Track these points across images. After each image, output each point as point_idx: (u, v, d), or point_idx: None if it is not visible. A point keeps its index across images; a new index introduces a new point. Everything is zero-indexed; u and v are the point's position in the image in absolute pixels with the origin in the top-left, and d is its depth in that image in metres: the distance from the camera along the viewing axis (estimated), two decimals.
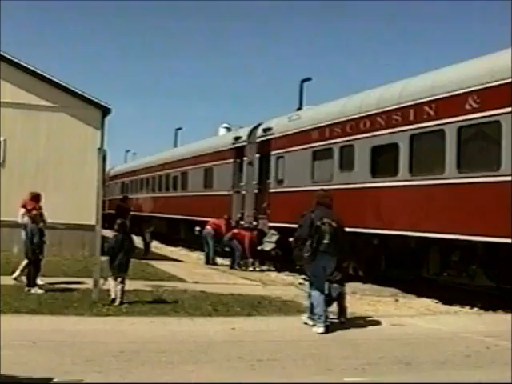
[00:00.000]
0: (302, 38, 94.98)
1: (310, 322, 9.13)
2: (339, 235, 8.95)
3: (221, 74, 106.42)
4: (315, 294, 9.04)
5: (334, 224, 8.92)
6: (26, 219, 12.70)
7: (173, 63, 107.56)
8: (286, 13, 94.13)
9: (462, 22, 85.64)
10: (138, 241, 19.13)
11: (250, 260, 19.60)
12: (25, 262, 12.32)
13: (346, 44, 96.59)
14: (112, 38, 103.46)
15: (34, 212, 12.56)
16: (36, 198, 13.59)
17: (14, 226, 14.59)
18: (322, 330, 8.73)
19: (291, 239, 9.66)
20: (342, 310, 9.75)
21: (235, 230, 20.11)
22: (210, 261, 20.78)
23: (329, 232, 8.82)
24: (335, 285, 9.52)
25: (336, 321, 9.53)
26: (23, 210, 13.17)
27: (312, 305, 9.12)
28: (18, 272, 12.55)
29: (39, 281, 12.21)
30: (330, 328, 8.89)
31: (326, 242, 8.79)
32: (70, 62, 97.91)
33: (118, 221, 11.37)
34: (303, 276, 17.63)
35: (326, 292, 9.24)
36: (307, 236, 8.89)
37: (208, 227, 21.28)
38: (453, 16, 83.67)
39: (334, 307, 9.79)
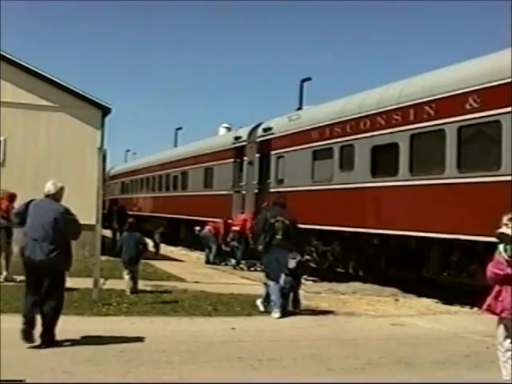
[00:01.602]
0: (302, 37, 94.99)
1: (261, 308, 10.07)
2: (291, 231, 9.98)
3: (221, 73, 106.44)
4: (270, 283, 9.96)
5: (286, 221, 9.99)
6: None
7: (173, 63, 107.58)
8: (286, 13, 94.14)
9: (462, 21, 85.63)
10: None
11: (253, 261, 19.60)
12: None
13: (346, 44, 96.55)
14: (112, 38, 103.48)
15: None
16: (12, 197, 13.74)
17: (15, 225, 14.58)
18: (278, 315, 9.66)
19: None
20: (297, 300, 10.44)
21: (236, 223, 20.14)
22: (209, 261, 20.81)
23: (281, 228, 9.90)
24: (288, 278, 10.14)
25: (291, 309, 10.28)
26: None
27: (268, 293, 10.04)
28: (4, 273, 13.10)
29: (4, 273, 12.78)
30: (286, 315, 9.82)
31: (278, 237, 9.88)
32: (70, 62, 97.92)
33: (130, 220, 13.25)
34: (303, 276, 17.71)
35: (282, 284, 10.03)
36: (262, 231, 9.94)
37: (207, 228, 21.30)
38: (453, 16, 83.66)
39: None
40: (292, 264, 9.99)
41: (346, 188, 15.68)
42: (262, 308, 10.15)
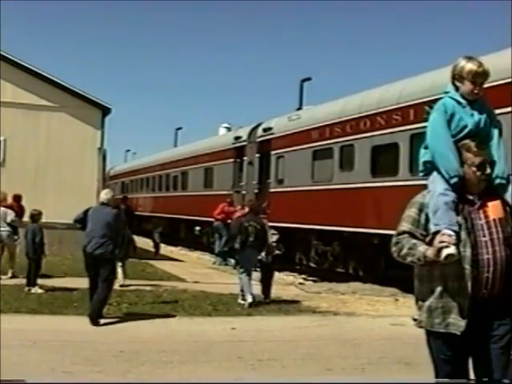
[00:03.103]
0: (303, 37, 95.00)
1: (242, 302, 11.08)
2: (261, 235, 11.50)
3: (221, 73, 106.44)
4: (243, 276, 11.38)
5: (258, 226, 11.54)
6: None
7: (173, 63, 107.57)
8: (287, 12, 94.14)
9: (462, 21, 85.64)
10: (137, 240, 19.07)
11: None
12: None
13: (347, 44, 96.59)
14: (112, 38, 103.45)
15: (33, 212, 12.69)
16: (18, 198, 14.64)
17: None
18: (250, 299, 10.89)
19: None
20: (268, 290, 11.94)
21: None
22: (218, 251, 20.24)
23: (254, 232, 11.38)
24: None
25: (262, 297, 11.66)
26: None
27: (242, 286, 11.38)
28: (10, 271, 13.38)
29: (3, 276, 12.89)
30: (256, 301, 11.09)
31: (251, 239, 11.38)
32: (70, 62, 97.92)
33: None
34: (302, 276, 17.71)
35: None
36: (238, 233, 11.53)
37: (218, 217, 20.81)
38: (453, 16, 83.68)
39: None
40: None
41: (346, 188, 15.67)
42: (243, 302, 11.08)
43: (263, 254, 11.75)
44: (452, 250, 3.29)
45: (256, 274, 12.13)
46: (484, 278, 3.34)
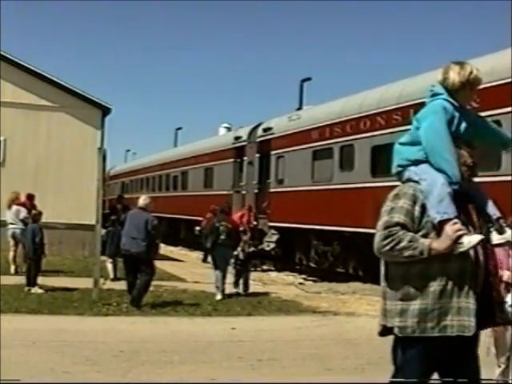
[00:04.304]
0: (302, 37, 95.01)
1: (219, 296, 11.84)
2: (232, 234, 12.30)
3: (221, 73, 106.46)
4: (217, 273, 12.13)
5: (229, 226, 12.33)
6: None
7: (173, 63, 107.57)
8: (286, 12, 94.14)
9: (462, 21, 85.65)
10: None
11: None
12: None
13: (347, 44, 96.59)
14: (112, 38, 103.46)
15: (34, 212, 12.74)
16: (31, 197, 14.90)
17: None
18: (219, 297, 11.74)
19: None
20: (247, 285, 12.91)
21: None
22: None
23: (225, 231, 12.16)
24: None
25: (241, 292, 12.66)
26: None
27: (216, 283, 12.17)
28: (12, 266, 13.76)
29: None
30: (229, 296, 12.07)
31: (222, 237, 12.15)
32: (70, 62, 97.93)
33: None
34: (302, 276, 17.70)
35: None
36: (210, 233, 12.42)
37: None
38: (453, 16, 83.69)
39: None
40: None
41: (346, 188, 15.67)
42: (218, 295, 11.86)
43: (239, 250, 12.74)
44: (477, 236, 3.12)
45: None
46: (480, 276, 3.23)
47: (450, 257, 3.15)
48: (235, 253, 12.68)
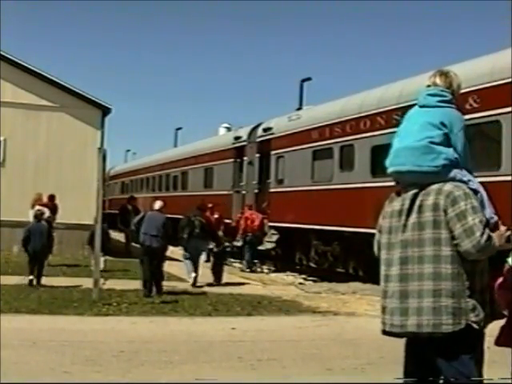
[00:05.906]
0: (302, 38, 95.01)
1: (190, 280, 13.45)
2: (206, 228, 13.95)
3: (221, 73, 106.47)
4: (187, 262, 13.78)
5: (203, 220, 13.98)
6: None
7: (173, 63, 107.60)
8: (286, 13, 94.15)
9: (462, 21, 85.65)
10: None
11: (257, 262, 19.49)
12: None
13: (346, 44, 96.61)
14: (112, 38, 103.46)
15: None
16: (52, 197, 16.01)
17: (15, 225, 14.59)
18: (190, 281, 13.35)
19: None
20: (219, 276, 14.35)
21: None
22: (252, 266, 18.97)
23: (199, 225, 13.73)
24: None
25: (214, 282, 14.05)
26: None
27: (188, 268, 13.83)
28: None
29: None
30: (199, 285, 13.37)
31: (197, 230, 13.70)
32: (70, 62, 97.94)
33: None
34: (302, 276, 17.70)
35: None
36: (186, 226, 13.79)
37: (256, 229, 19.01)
38: (453, 16, 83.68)
39: None
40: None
41: (346, 188, 15.67)
42: (190, 280, 13.46)
43: (214, 244, 14.57)
44: None
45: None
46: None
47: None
48: (210, 246, 14.62)
